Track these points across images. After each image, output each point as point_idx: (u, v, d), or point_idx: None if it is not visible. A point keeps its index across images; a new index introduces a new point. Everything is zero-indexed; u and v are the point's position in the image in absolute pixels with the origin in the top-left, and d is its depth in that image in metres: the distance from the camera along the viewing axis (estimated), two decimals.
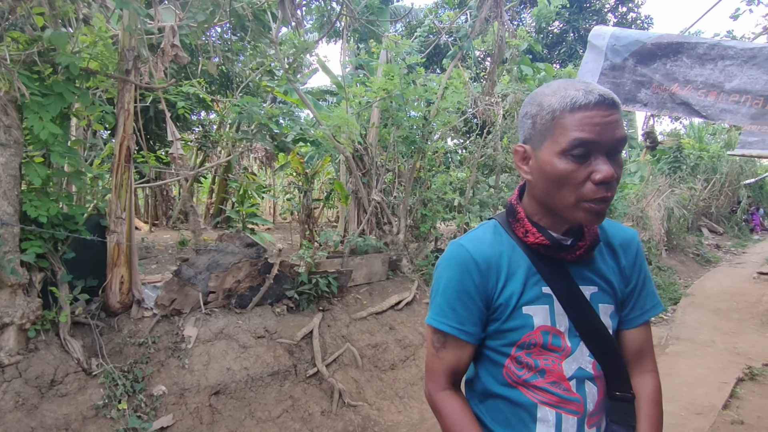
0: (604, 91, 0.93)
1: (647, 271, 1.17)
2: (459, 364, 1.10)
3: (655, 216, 10.09)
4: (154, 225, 9.00)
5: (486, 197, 6.03)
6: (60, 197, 3.25)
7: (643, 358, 1.14)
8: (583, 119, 0.91)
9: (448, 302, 1.08)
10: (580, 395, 1.05)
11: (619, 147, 0.94)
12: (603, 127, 0.91)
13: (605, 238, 1.14)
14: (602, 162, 0.93)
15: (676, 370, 5.36)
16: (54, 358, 3.07)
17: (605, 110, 0.91)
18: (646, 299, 1.15)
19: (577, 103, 0.92)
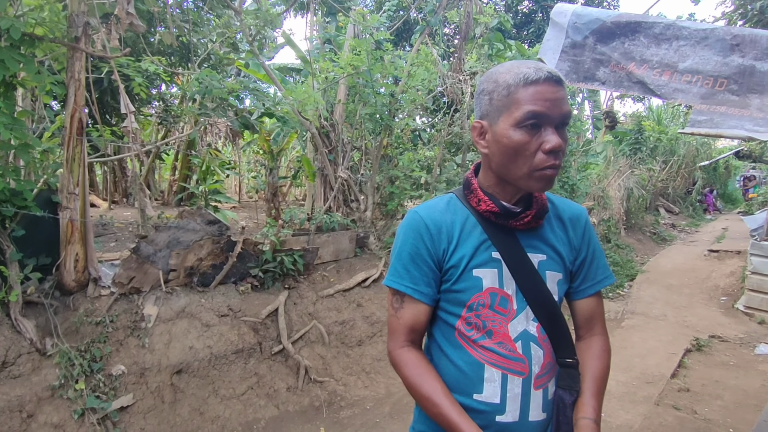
0: (551, 69, 1.03)
1: (597, 245, 1.24)
2: (416, 322, 1.16)
3: (615, 196, 10.40)
4: (114, 202, 8.68)
5: (453, 175, 6.07)
6: (6, 172, 3.08)
7: (592, 324, 1.22)
8: (535, 94, 1.00)
9: (403, 264, 1.15)
10: (525, 356, 1.11)
11: (566, 120, 1.03)
12: (552, 102, 1.00)
13: (556, 212, 1.21)
14: (551, 133, 1.02)
15: (630, 342, 5.61)
16: (5, 339, 2.96)
17: (554, 86, 1.01)
18: (596, 271, 1.22)
19: (529, 78, 1.00)
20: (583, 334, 1.24)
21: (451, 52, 8.02)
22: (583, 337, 1.23)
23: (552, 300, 1.14)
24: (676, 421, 3.61)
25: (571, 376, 1.15)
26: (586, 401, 1.11)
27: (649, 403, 3.93)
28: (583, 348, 1.21)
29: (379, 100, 5.30)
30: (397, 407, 3.85)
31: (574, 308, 1.24)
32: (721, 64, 1.82)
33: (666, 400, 4.01)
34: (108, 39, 3.51)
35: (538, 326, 1.12)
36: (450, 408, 1.06)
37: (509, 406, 1.10)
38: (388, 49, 5.37)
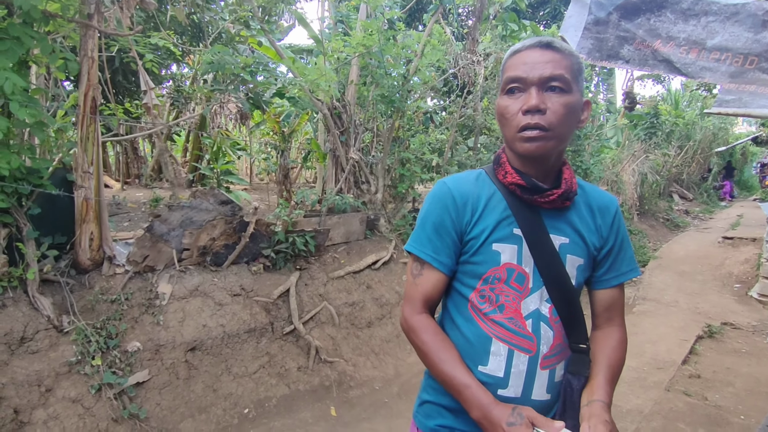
0: (545, 38, 1.05)
1: (625, 237, 1.22)
2: (433, 291, 1.18)
3: (629, 181, 10.27)
4: (126, 183, 8.73)
5: (464, 158, 6.01)
6: (22, 150, 3.09)
7: (612, 315, 1.21)
8: (515, 60, 1.06)
9: (426, 233, 1.17)
10: (534, 334, 1.11)
11: (550, 82, 1.03)
12: (531, 65, 1.03)
13: (585, 199, 1.19)
14: (530, 94, 1.03)
15: (641, 328, 5.60)
16: (23, 315, 3.01)
17: (537, 51, 1.04)
18: (622, 263, 1.20)
19: (515, 49, 1.07)
20: (601, 323, 1.23)
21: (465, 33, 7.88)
22: (600, 327, 1.22)
23: (569, 283, 1.13)
24: (687, 407, 3.60)
25: (582, 361, 1.15)
26: (600, 385, 1.10)
27: (660, 388, 3.92)
28: (600, 337, 1.20)
29: (390, 81, 5.23)
30: (406, 387, 3.88)
31: (595, 297, 1.23)
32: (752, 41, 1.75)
33: (677, 386, 4.01)
34: (120, 17, 3.48)
35: (551, 308, 1.12)
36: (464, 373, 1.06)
37: (512, 381, 1.10)
38: (400, 29, 5.28)
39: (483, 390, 1.03)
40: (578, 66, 1.07)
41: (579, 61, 1.07)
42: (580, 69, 1.07)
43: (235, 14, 4.05)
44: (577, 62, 1.06)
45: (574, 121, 1.07)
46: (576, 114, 1.07)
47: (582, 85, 1.08)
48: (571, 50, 1.06)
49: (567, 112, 1.03)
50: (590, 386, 1.11)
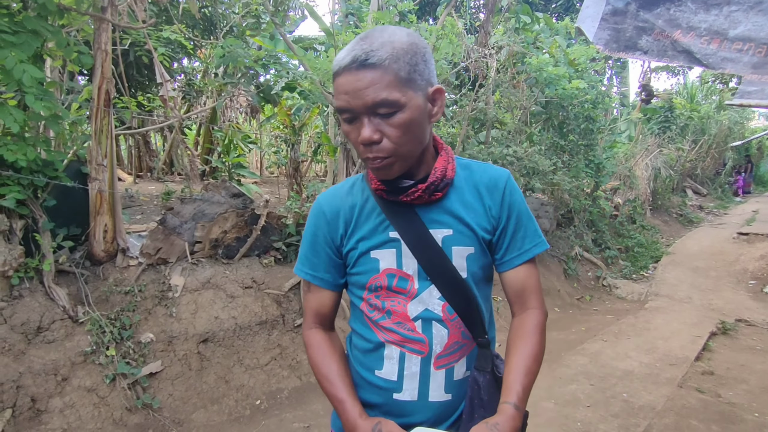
0: (360, 51, 0.90)
1: (522, 211, 1.11)
2: (320, 306, 1.17)
3: (642, 175, 10.15)
4: (138, 177, 8.81)
5: (476, 152, 5.97)
6: (38, 142, 3.13)
7: (525, 298, 1.11)
8: (338, 87, 0.93)
9: (305, 252, 1.17)
10: (425, 336, 1.07)
11: (377, 109, 0.91)
12: (353, 94, 0.91)
13: (471, 180, 1.10)
14: (363, 124, 0.94)
15: (653, 324, 5.55)
16: (39, 306, 3.06)
17: (354, 74, 0.90)
18: (523, 240, 1.10)
19: (335, 67, 0.94)
20: (516, 310, 1.13)
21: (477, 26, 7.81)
22: (516, 313, 1.13)
23: (458, 277, 1.06)
24: (700, 404, 3.57)
25: (484, 356, 1.10)
26: (510, 385, 1.01)
27: (672, 385, 3.89)
28: (516, 325, 1.11)
29: None
30: None
31: (504, 281, 1.13)
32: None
33: (689, 382, 3.97)
34: (133, 10, 3.50)
35: (444, 305, 1.07)
36: (341, 388, 1.07)
37: (406, 384, 1.08)
38: (412, 21, 5.24)
39: (353, 405, 1.04)
40: (407, 67, 0.91)
41: (407, 59, 0.92)
42: (411, 68, 0.92)
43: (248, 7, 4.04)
44: (404, 64, 0.91)
45: (419, 130, 0.97)
46: (419, 122, 0.96)
47: (420, 80, 0.95)
48: (393, 54, 0.90)
49: (405, 131, 0.94)
50: (504, 385, 1.03)
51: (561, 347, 4.86)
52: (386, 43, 0.90)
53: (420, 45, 0.94)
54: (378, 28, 0.94)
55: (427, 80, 0.96)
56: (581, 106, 7.03)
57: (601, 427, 3.23)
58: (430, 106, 0.98)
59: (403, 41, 0.92)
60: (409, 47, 0.92)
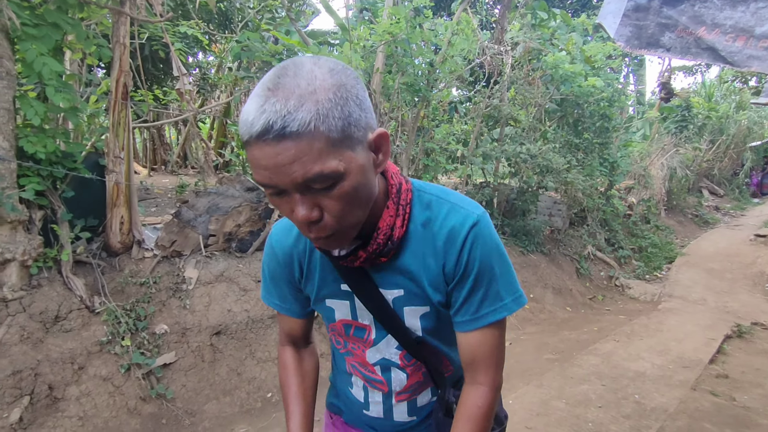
0: (273, 115, 0.65)
1: (484, 269, 0.90)
2: (292, 330, 1.14)
3: (657, 175, 10.03)
4: (153, 170, 8.92)
5: (489, 149, 5.94)
6: (57, 134, 3.18)
7: (474, 369, 0.95)
8: (253, 159, 0.70)
9: (265, 282, 1.11)
10: (384, 378, 1.06)
11: (314, 184, 0.70)
12: (274, 170, 0.68)
13: (430, 232, 0.91)
14: (294, 200, 0.74)
15: (666, 325, 5.49)
16: (57, 295, 3.11)
17: (272, 146, 0.66)
18: (480, 303, 0.91)
19: (243, 134, 0.69)
20: (466, 379, 0.98)
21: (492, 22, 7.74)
22: (466, 383, 0.98)
23: (412, 339, 0.99)
24: (714, 407, 3.53)
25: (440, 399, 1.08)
26: None
27: (686, 387, 3.85)
28: (460, 402, 0.97)
29: (416, 69, 5.18)
30: None
31: (458, 341, 0.97)
32: None
33: (703, 385, 3.92)
34: (151, 4, 3.52)
35: (402, 353, 1.02)
36: (292, 411, 1.09)
37: (372, 408, 1.10)
38: (428, 17, 5.22)
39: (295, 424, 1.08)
40: (340, 122, 0.69)
41: (338, 112, 0.68)
42: (344, 122, 0.69)
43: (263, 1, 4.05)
44: (336, 119, 0.68)
45: (365, 192, 0.78)
46: (364, 184, 0.77)
47: (357, 132, 0.72)
48: (319, 112, 0.67)
49: (349, 201, 0.75)
50: None
51: (573, 347, 4.83)
52: (306, 95, 0.66)
53: (349, 84, 0.71)
54: (290, 67, 0.70)
55: (366, 126, 0.74)
56: (597, 104, 6.96)
57: (612, 428, 3.21)
58: (374, 155, 0.78)
59: (327, 86, 0.68)
60: (337, 93, 0.69)
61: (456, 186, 6.61)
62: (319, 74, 0.69)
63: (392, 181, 0.90)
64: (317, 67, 0.70)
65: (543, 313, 5.95)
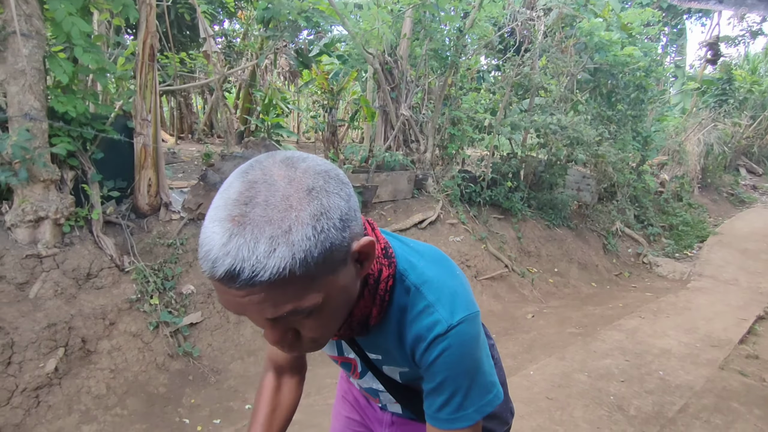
0: (236, 262, 0.54)
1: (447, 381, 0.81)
2: (275, 355, 1.08)
3: (693, 151, 9.65)
4: (180, 138, 9.02)
5: (518, 119, 5.77)
6: (86, 95, 3.21)
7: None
8: (219, 290, 0.59)
9: None
10: (374, 397, 1.09)
11: (289, 317, 0.62)
12: (240, 307, 0.60)
13: (404, 324, 0.82)
14: (266, 326, 0.66)
15: (695, 304, 5.37)
16: (88, 253, 3.19)
17: (238, 292, 0.57)
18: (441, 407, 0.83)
19: (202, 265, 0.58)
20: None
21: None
22: None
23: (394, 383, 0.97)
24: (742, 387, 3.45)
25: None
26: None
27: (713, 366, 3.77)
28: None
29: (445, 35, 5.03)
30: None
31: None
32: None
33: (732, 365, 3.83)
34: None
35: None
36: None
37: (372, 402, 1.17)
38: None
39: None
40: (319, 256, 0.58)
41: (317, 248, 0.57)
42: (324, 252, 0.58)
43: None
44: (314, 256, 0.57)
45: (346, 307, 0.73)
46: (345, 301, 0.71)
47: (338, 252, 0.61)
48: (294, 260, 0.55)
49: (327, 322, 0.69)
50: None
51: (596, 322, 4.76)
52: (279, 236, 0.55)
53: (331, 204, 0.60)
54: (259, 186, 0.57)
55: (349, 242, 0.63)
56: (632, 74, 6.66)
57: (634, 402, 3.17)
58: (358, 265, 0.69)
59: (305, 219, 0.56)
60: (316, 226, 0.57)
61: (482, 157, 6.48)
62: (296, 200, 0.57)
63: (371, 271, 0.78)
64: (292, 187, 0.57)
65: (567, 287, 5.88)
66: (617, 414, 3.03)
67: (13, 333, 2.66)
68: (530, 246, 6.04)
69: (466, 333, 0.78)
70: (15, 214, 2.92)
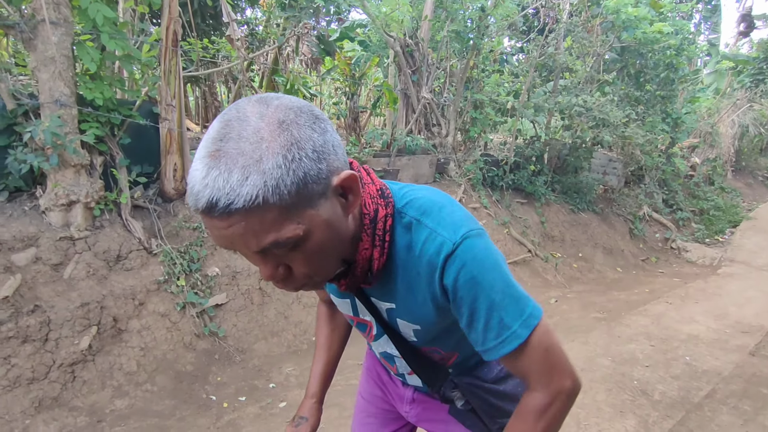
0: (214, 193, 0.58)
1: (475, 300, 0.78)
2: (325, 295, 1.22)
3: (726, 133, 9.31)
4: (205, 127, 9.15)
5: (542, 101, 5.66)
6: (113, 81, 3.28)
7: (524, 381, 0.88)
8: (206, 222, 0.63)
9: None
10: (391, 365, 1.11)
11: (274, 250, 0.65)
12: (227, 241, 0.63)
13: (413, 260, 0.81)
14: (258, 261, 0.68)
15: (725, 290, 5.25)
16: (118, 236, 3.30)
17: (219, 220, 0.60)
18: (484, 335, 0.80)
19: (189, 202, 0.62)
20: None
21: None
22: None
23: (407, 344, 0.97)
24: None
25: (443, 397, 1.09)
26: None
27: (743, 352, 3.68)
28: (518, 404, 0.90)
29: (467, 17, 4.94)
30: None
31: None
32: None
33: (763, 351, 3.74)
34: None
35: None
36: (317, 358, 1.22)
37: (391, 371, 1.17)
38: None
39: (311, 383, 1.19)
40: (293, 186, 0.60)
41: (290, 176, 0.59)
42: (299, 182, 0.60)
43: None
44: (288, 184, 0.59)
45: (335, 242, 0.72)
46: (333, 236, 0.70)
47: (317, 185, 0.63)
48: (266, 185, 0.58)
49: (317, 257, 0.70)
50: None
51: (621, 307, 4.70)
52: (251, 165, 0.58)
53: (303, 135, 0.61)
54: (233, 123, 0.61)
55: (327, 176, 0.64)
56: (662, 52, 6.43)
57: (659, 387, 3.13)
58: (343, 200, 0.70)
59: (275, 149, 0.59)
60: (287, 155, 0.59)
61: (505, 141, 6.39)
62: (266, 133, 0.59)
63: (365, 210, 0.78)
64: (263, 121, 0.60)
65: (591, 272, 5.79)
66: (641, 398, 2.99)
67: (49, 311, 2.78)
68: (554, 230, 5.96)
69: (475, 246, 0.77)
70: (48, 198, 3.03)
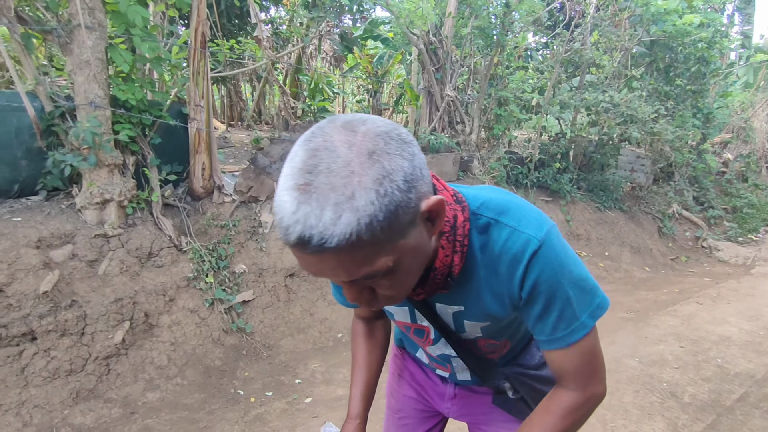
0: (306, 229, 0.57)
1: (553, 295, 0.82)
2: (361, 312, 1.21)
3: (760, 128, 8.99)
4: (230, 126, 9.31)
5: (568, 98, 5.57)
6: (144, 83, 3.38)
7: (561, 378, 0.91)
8: (294, 254, 0.63)
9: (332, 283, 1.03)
10: (446, 365, 1.12)
11: (365, 280, 0.66)
12: (319, 271, 0.64)
13: (490, 258, 0.83)
14: (344, 285, 0.70)
15: (759, 291, 5.09)
16: (149, 234, 3.39)
17: (311, 256, 0.60)
18: (554, 326, 0.84)
19: (279, 232, 0.61)
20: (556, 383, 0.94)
21: None
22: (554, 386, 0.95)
23: (466, 344, 1.00)
24: None
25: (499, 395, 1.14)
26: None
27: None
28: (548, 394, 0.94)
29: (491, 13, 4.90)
30: None
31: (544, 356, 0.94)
32: None
33: None
34: None
35: None
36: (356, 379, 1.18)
37: (438, 371, 1.19)
38: None
39: (353, 405, 1.15)
40: (386, 222, 0.59)
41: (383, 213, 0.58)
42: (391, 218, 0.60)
43: None
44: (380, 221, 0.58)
45: (420, 264, 0.74)
46: (419, 260, 0.72)
47: (407, 216, 0.62)
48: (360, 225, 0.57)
49: (403, 281, 0.72)
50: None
51: (649, 307, 4.60)
52: (344, 202, 0.56)
53: (394, 166, 0.60)
54: (322, 153, 0.59)
55: (417, 203, 0.64)
56: (693, 45, 6.25)
57: (689, 390, 3.06)
58: (429, 224, 0.69)
59: (367, 184, 0.57)
60: (379, 190, 0.58)
61: (530, 138, 6.32)
62: (357, 165, 0.57)
63: (446, 218, 0.79)
64: (353, 152, 0.58)
65: (618, 271, 5.69)
66: (670, 401, 2.94)
67: (85, 306, 2.88)
68: (579, 229, 5.87)
69: (557, 242, 0.80)
70: (84, 196, 3.14)
